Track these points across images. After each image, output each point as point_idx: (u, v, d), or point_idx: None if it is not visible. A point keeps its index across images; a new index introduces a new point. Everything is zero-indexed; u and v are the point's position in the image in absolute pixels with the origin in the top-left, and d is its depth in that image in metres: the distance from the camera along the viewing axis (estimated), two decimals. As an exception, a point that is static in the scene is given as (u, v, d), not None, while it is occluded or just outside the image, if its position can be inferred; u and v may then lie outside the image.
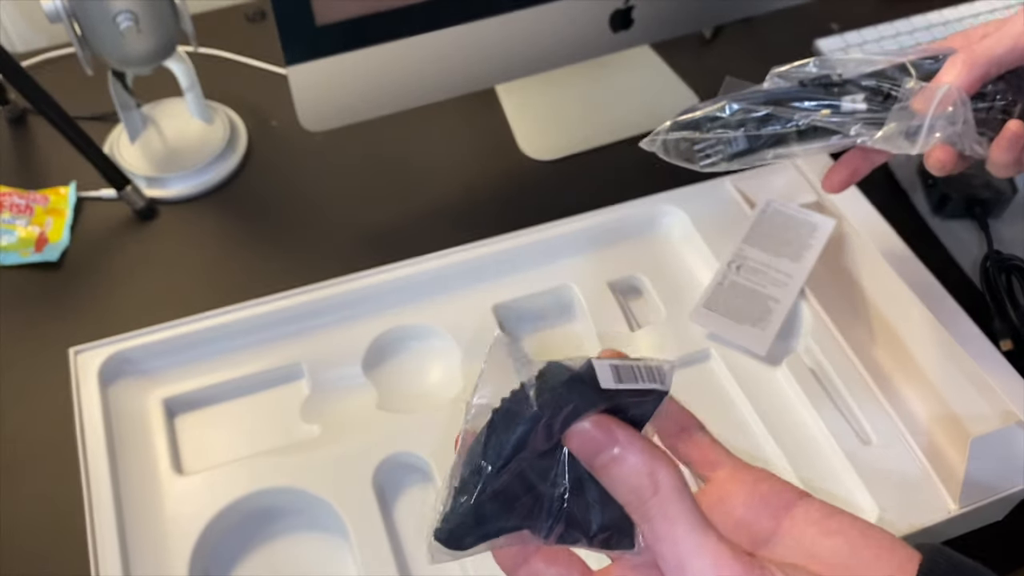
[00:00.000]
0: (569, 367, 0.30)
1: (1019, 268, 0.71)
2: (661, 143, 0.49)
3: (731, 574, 0.28)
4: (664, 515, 0.28)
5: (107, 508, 0.53)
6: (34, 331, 0.68)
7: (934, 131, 0.45)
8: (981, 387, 0.59)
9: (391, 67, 0.69)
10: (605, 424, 0.29)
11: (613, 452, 0.29)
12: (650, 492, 0.28)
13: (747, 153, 0.48)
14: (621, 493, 0.29)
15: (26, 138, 0.84)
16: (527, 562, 0.32)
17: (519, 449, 0.29)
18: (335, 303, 0.63)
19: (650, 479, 0.28)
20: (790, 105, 0.47)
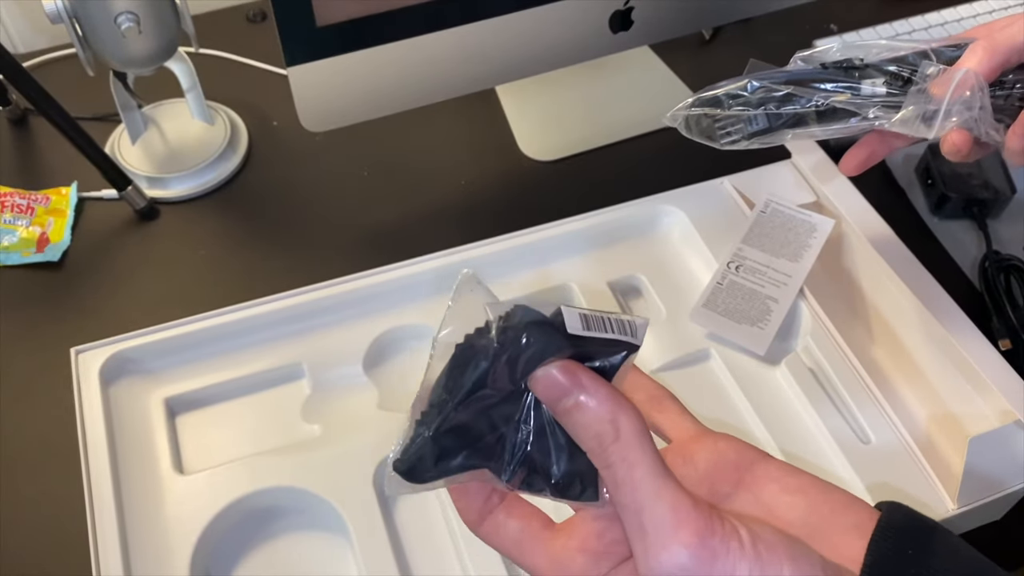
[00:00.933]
0: (537, 311, 0.30)
1: (1017, 268, 0.71)
2: (683, 119, 0.50)
3: (688, 519, 0.27)
4: (624, 460, 0.28)
5: (108, 507, 0.53)
6: (35, 331, 0.69)
7: (951, 115, 0.46)
8: (979, 386, 0.59)
9: (391, 68, 0.69)
10: (570, 369, 0.29)
11: (577, 398, 0.28)
12: (611, 438, 0.28)
13: (767, 132, 0.49)
14: (584, 439, 0.29)
15: (27, 139, 0.84)
16: (491, 514, 0.32)
17: (480, 385, 0.29)
18: (336, 303, 0.64)
19: (612, 425, 0.28)
20: (811, 86, 0.48)
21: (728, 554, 0.27)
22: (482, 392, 0.29)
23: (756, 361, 0.62)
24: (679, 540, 0.27)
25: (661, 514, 0.27)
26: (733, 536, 0.27)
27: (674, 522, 0.27)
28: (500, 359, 0.29)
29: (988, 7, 0.94)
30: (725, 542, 0.27)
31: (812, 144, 0.73)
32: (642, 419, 0.29)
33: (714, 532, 0.27)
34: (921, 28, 0.92)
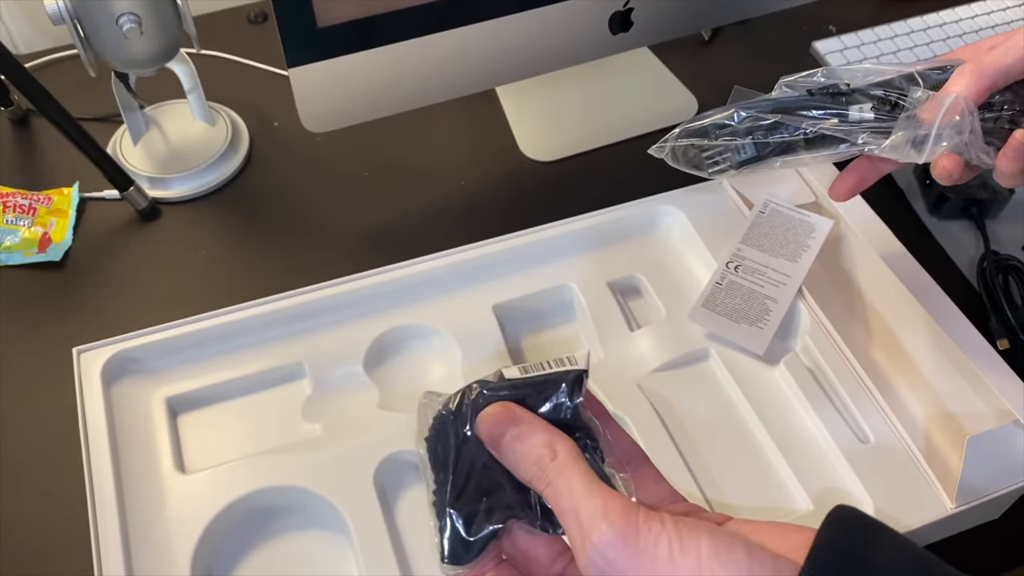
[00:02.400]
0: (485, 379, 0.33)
1: (1016, 268, 0.72)
2: (670, 150, 0.50)
3: (615, 508, 0.30)
4: (561, 474, 0.31)
5: (110, 506, 0.54)
6: (37, 331, 0.69)
7: (941, 140, 0.46)
8: (978, 386, 0.59)
9: (392, 69, 0.69)
10: (508, 407, 0.33)
11: (516, 431, 0.32)
12: (549, 459, 0.32)
13: (755, 160, 0.49)
14: (524, 467, 0.32)
15: (29, 139, 0.84)
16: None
17: (458, 447, 0.33)
18: (337, 303, 0.64)
19: (549, 449, 0.32)
20: (798, 113, 0.48)
21: (650, 531, 0.29)
22: (466, 454, 0.33)
23: (755, 361, 0.63)
24: (607, 522, 0.30)
25: (592, 508, 0.30)
26: (655, 518, 0.30)
27: (603, 511, 0.30)
28: (461, 419, 0.33)
29: (987, 7, 0.95)
30: (648, 522, 0.30)
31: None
32: (575, 447, 0.32)
33: (638, 515, 0.30)
34: (920, 29, 0.92)
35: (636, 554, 0.29)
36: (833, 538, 0.29)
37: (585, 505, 0.30)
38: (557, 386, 0.33)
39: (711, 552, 0.29)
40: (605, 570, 0.30)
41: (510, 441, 0.32)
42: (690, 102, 0.87)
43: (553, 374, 0.33)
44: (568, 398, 0.33)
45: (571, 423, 0.33)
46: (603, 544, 0.29)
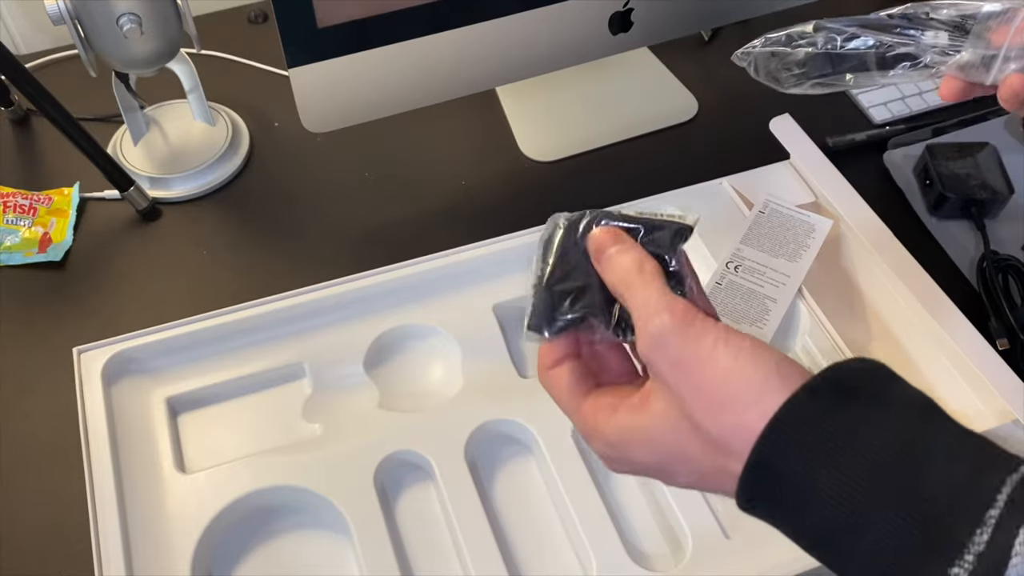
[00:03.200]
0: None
1: (1015, 268, 0.72)
2: (752, 59, 0.51)
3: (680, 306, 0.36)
4: (644, 283, 0.37)
5: (110, 506, 0.54)
6: (38, 331, 0.69)
7: (1009, 61, 0.46)
8: (977, 386, 0.59)
9: (392, 69, 0.70)
10: (613, 230, 0.39)
11: (616, 248, 0.38)
12: (637, 272, 0.37)
13: (829, 74, 0.50)
14: (615, 275, 0.38)
15: (30, 139, 0.84)
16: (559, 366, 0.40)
17: (563, 249, 0.40)
18: (337, 303, 0.64)
19: (638, 265, 0.37)
20: (876, 30, 0.49)
21: (704, 326, 0.35)
22: (572, 257, 0.40)
23: (755, 361, 0.63)
24: (668, 312, 0.35)
25: (660, 302, 0.36)
26: (711, 320, 0.35)
27: (668, 305, 0.36)
28: (576, 232, 0.40)
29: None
30: (703, 320, 0.35)
31: (811, 144, 0.73)
32: (662, 270, 0.38)
33: (696, 313, 0.35)
34: (920, 29, 0.92)
35: (685, 339, 0.35)
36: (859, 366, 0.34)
37: (656, 299, 0.36)
38: (664, 229, 0.39)
39: (751, 348, 0.34)
40: (658, 347, 0.35)
41: (609, 256, 0.38)
42: (690, 102, 0.88)
43: (664, 220, 0.39)
44: (670, 242, 0.39)
45: (666, 264, 0.39)
46: (661, 326, 0.35)
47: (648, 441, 0.36)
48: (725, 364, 0.34)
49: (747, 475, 0.33)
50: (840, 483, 0.31)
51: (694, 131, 0.86)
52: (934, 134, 0.83)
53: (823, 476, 0.31)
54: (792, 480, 0.32)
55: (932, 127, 0.84)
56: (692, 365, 0.34)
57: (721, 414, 0.33)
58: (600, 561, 0.53)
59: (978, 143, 0.80)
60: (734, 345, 0.34)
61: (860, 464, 0.31)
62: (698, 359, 0.34)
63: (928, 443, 0.32)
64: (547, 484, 0.58)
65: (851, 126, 0.85)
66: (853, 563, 0.31)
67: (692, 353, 0.34)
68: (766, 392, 0.33)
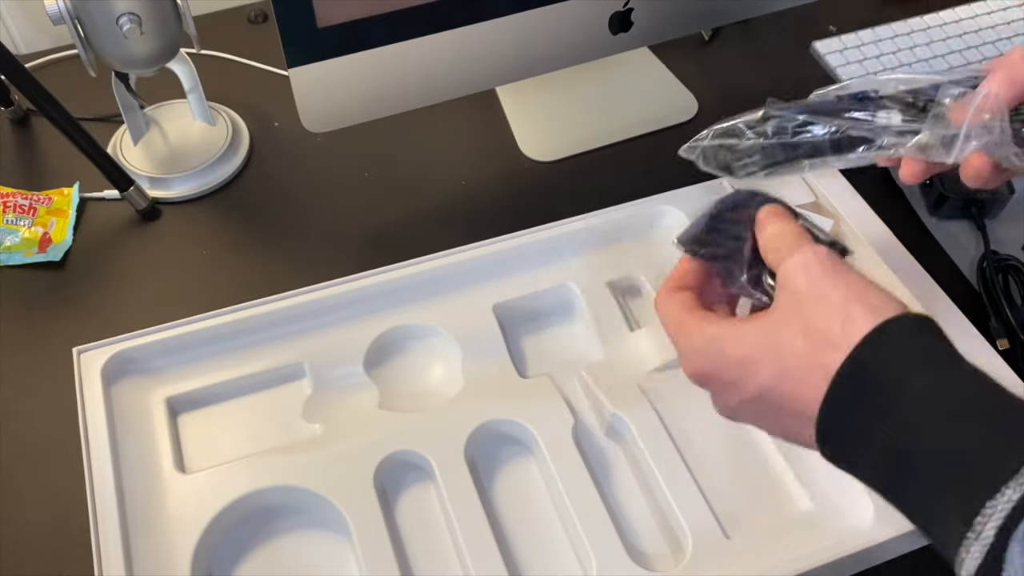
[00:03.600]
0: None
1: (1016, 268, 0.72)
2: (700, 151, 0.51)
3: (823, 249, 0.42)
4: (790, 239, 0.43)
5: (110, 506, 0.54)
6: (37, 331, 0.69)
7: (971, 139, 0.45)
8: (977, 386, 0.59)
9: (392, 69, 0.70)
10: (781, 209, 0.46)
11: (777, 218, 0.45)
12: (784, 232, 0.44)
13: (783, 162, 0.50)
14: (770, 230, 0.45)
15: (30, 139, 0.84)
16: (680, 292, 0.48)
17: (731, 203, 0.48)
18: (337, 303, 0.64)
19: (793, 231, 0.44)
20: (827, 117, 0.48)
21: (840, 262, 0.42)
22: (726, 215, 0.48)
23: (755, 361, 0.63)
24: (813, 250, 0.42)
25: (802, 245, 0.43)
26: (843, 274, 0.41)
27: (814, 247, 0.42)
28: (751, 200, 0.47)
29: (987, 7, 0.95)
30: (839, 261, 0.42)
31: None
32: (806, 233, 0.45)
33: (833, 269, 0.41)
34: (920, 29, 0.92)
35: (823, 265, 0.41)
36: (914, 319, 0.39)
37: (798, 246, 0.42)
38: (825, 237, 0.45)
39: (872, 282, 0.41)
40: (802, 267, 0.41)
41: (766, 216, 0.45)
42: (690, 102, 0.88)
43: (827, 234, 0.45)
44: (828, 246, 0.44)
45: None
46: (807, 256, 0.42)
47: (741, 336, 0.42)
48: (849, 281, 0.40)
49: (846, 368, 0.37)
50: (932, 388, 0.35)
51: (694, 131, 0.85)
52: (934, 134, 0.83)
53: (916, 380, 0.35)
54: (887, 374, 0.36)
55: (932, 127, 0.84)
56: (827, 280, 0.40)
57: (835, 316, 0.39)
58: (600, 561, 0.53)
59: (978, 143, 0.80)
60: (860, 278, 0.41)
61: (951, 379, 0.36)
62: (832, 278, 0.40)
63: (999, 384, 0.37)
64: (547, 484, 0.58)
65: (851, 126, 0.85)
66: (923, 474, 0.34)
67: (827, 273, 0.41)
68: (877, 309, 0.38)
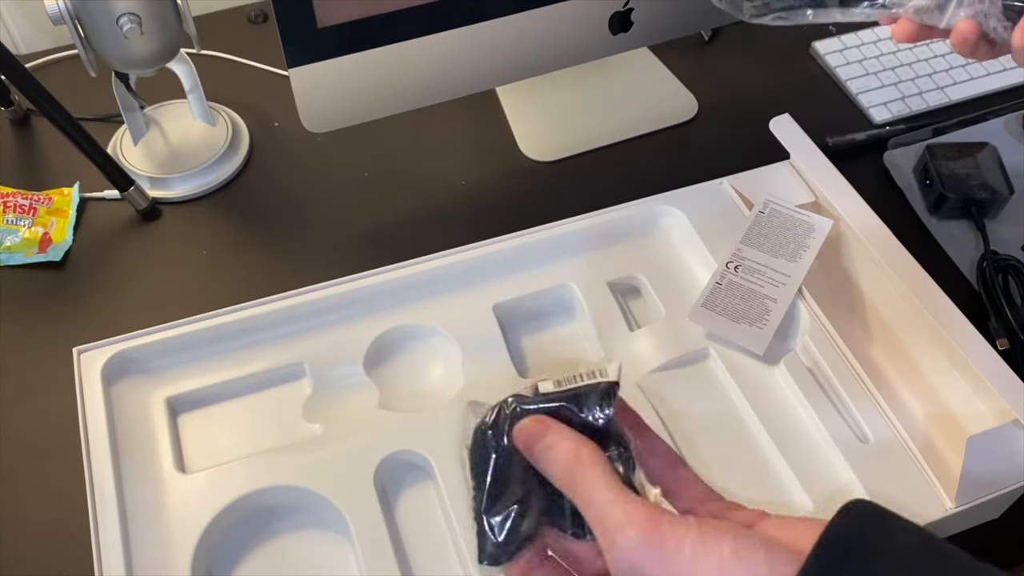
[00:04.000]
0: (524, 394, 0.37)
1: (1015, 268, 0.72)
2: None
3: (639, 513, 0.32)
4: (585, 478, 0.34)
5: (110, 506, 0.54)
6: (37, 331, 0.69)
7: (962, 5, 0.47)
8: (977, 386, 0.59)
9: (392, 69, 0.70)
10: (540, 419, 0.36)
11: (547, 440, 0.35)
12: (575, 463, 0.34)
13: (788, 8, 0.51)
14: (556, 474, 0.35)
15: (30, 139, 0.84)
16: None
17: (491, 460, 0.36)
18: (337, 303, 0.64)
19: (575, 455, 0.34)
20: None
21: (674, 535, 0.31)
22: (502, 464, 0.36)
23: (755, 361, 0.63)
24: (632, 528, 0.32)
25: (617, 515, 0.32)
26: (680, 523, 0.32)
27: (627, 518, 0.32)
28: (498, 432, 0.36)
29: (987, 8, 0.94)
30: (672, 526, 0.32)
31: (811, 145, 0.73)
32: (601, 453, 0.34)
33: (662, 519, 0.32)
34: (920, 29, 0.92)
35: (661, 557, 0.31)
36: (845, 527, 0.31)
37: (610, 512, 0.32)
38: (589, 398, 0.35)
39: (732, 554, 0.30)
40: (634, 574, 0.31)
41: (542, 450, 0.35)
42: (690, 102, 0.88)
43: (585, 387, 0.36)
44: (600, 409, 0.35)
45: (604, 433, 0.35)
46: (630, 550, 0.32)
47: None
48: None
49: None
50: None
51: (694, 131, 0.86)
52: (934, 134, 0.83)
53: None
54: None
55: (932, 127, 0.84)
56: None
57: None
58: (600, 561, 0.53)
59: (978, 143, 0.80)
60: (715, 554, 0.31)
61: None
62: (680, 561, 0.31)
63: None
64: (547, 484, 0.58)
65: (851, 126, 0.85)
66: None
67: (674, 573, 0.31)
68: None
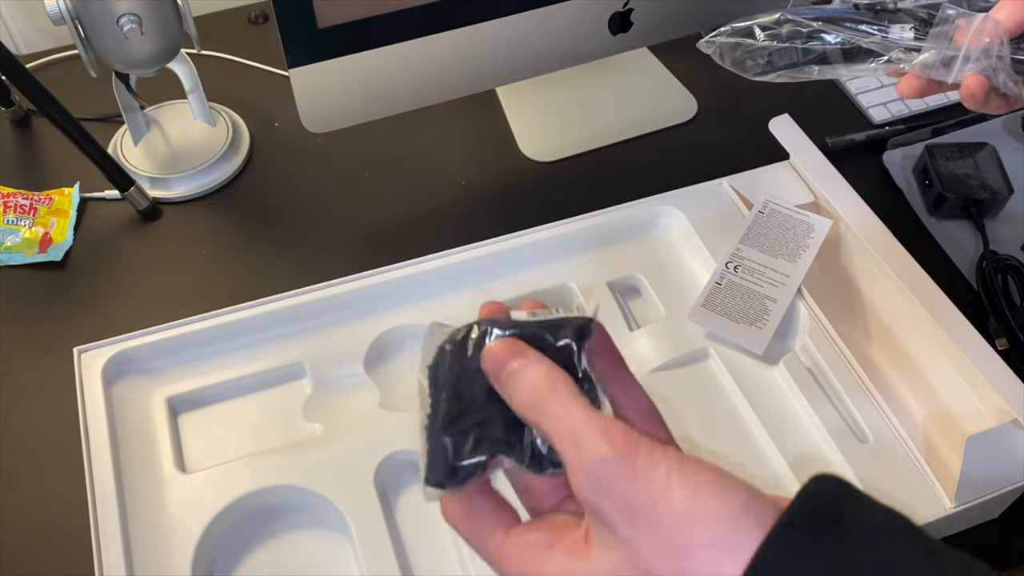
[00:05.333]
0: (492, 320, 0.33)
1: (1015, 268, 0.72)
2: (717, 47, 0.52)
3: (616, 430, 0.29)
4: (561, 403, 0.30)
5: (111, 506, 0.54)
6: (38, 331, 0.69)
7: (968, 61, 0.47)
8: (976, 386, 0.59)
9: (392, 69, 0.70)
10: (513, 342, 0.32)
11: (517, 363, 0.31)
12: (548, 390, 0.30)
13: (794, 65, 0.50)
14: (522, 398, 0.31)
15: (30, 140, 0.84)
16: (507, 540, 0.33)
17: (451, 381, 0.33)
18: (337, 303, 0.64)
19: (549, 381, 0.31)
20: (841, 25, 0.49)
21: (651, 456, 0.28)
22: (465, 385, 0.33)
23: (754, 361, 0.63)
24: (607, 442, 0.29)
25: (592, 429, 0.29)
26: (658, 447, 0.29)
27: (604, 433, 0.29)
28: (465, 352, 0.33)
29: (986, 8, 0.94)
30: (649, 448, 0.29)
31: (810, 145, 0.74)
32: (575, 385, 0.31)
33: (640, 441, 0.29)
34: (919, 29, 0.92)
35: (633, 476, 0.28)
36: (821, 489, 0.29)
37: (585, 427, 0.29)
38: (564, 329, 0.33)
39: (710, 481, 0.28)
40: (600, 490, 0.29)
41: (511, 372, 0.32)
42: (690, 102, 0.88)
43: (561, 319, 0.33)
44: (575, 342, 0.33)
45: (575, 369, 0.32)
46: (601, 463, 0.29)
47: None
48: (683, 506, 0.28)
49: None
50: None
51: (694, 131, 0.86)
52: (933, 134, 0.83)
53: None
54: None
55: (931, 127, 0.84)
56: (645, 508, 0.28)
57: (685, 569, 0.28)
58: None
59: (977, 143, 0.80)
60: (691, 478, 0.28)
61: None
62: (651, 500, 0.28)
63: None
64: (547, 484, 0.58)
65: (850, 126, 0.85)
66: None
67: (643, 493, 0.28)
68: (738, 539, 0.27)
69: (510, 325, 0.33)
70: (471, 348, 0.33)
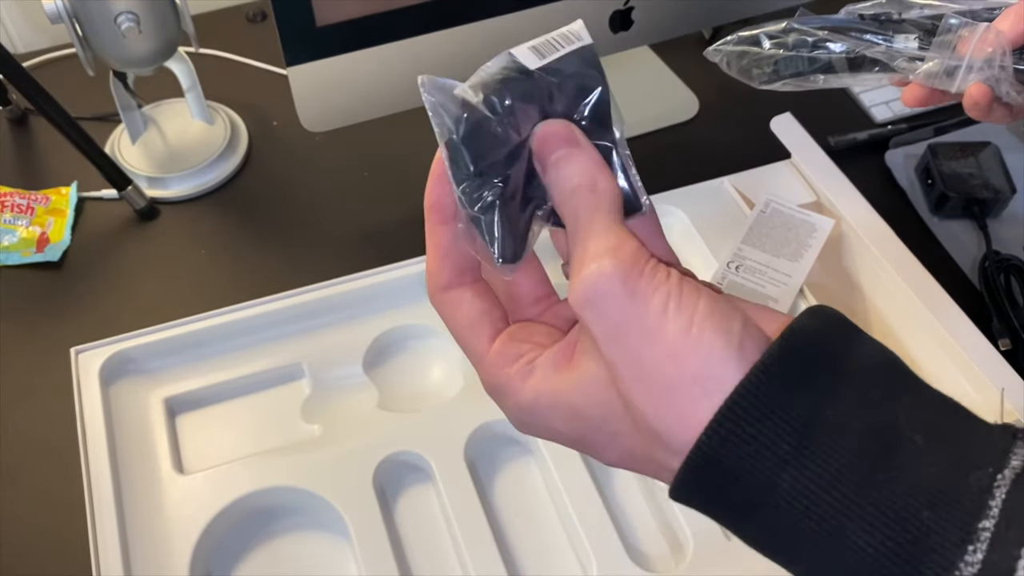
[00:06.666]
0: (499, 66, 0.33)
1: (1017, 268, 0.71)
2: (724, 55, 0.53)
3: (626, 245, 0.29)
4: (591, 206, 0.30)
5: (108, 507, 0.54)
6: (35, 331, 0.69)
7: (972, 71, 0.47)
8: (979, 386, 0.59)
9: (391, 68, 0.69)
10: (573, 128, 0.32)
11: (567, 152, 0.31)
12: (588, 189, 0.30)
13: (800, 75, 0.51)
14: (561, 188, 0.31)
15: (28, 139, 0.84)
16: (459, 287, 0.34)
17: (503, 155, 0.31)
18: (336, 303, 0.64)
19: (590, 179, 0.30)
20: (846, 35, 0.50)
21: (653, 279, 0.28)
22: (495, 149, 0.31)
23: (756, 361, 0.62)
24: (612, 257, 0.28)
25: (604, 242, 0.29)
26: (662, 270, 0.28)
27: (614, 247, 0.28)
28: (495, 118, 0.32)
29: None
30: (653, 270, 0.28)
31: (812, 144, 0.73)
32: (618, 190, 0.31)
33: (646, 261, 0.28)
34: (921, 28, 0.92)
35: (630, 296, 0.28)
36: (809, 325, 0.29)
37: (599, 238, 0.29)
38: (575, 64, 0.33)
39: (707, 313, 0.27)
40: (594, 305, 0.28)
41: (559, 158, 0.31)
42: (691, 101, 0.87)
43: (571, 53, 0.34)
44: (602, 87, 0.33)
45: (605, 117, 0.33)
46: (601, 276, 0.28)
47: (570, 410, 0.30)
48: (674, 339, 0.27)
49: (688, 473, 0.27)
50: (806, 485, 0.26)
51: (695, 130, 0.86)
52: (936, 133, 0.83)
53: (786, 477, 0.26)
54: (748, 480, 0.27)
55: (934, 126, 0.84)
56: (634, 333, 0.28)
57: (664, 401, 0.28)
58: (600, 561, 0.53)
59: (980, 142, 0.80)
60: (687, 309, 0.27)
61: (828, 463, 0.26)
62: (642, 326, 0.27)
63: (901, 433, 0.27)
64: (547, 484, 0.58)
65: (853, 125, 0.85)
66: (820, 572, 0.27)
67: (635, 317, 0.28)
68: (723, 377, 0.27)
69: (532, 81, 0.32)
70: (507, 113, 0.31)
